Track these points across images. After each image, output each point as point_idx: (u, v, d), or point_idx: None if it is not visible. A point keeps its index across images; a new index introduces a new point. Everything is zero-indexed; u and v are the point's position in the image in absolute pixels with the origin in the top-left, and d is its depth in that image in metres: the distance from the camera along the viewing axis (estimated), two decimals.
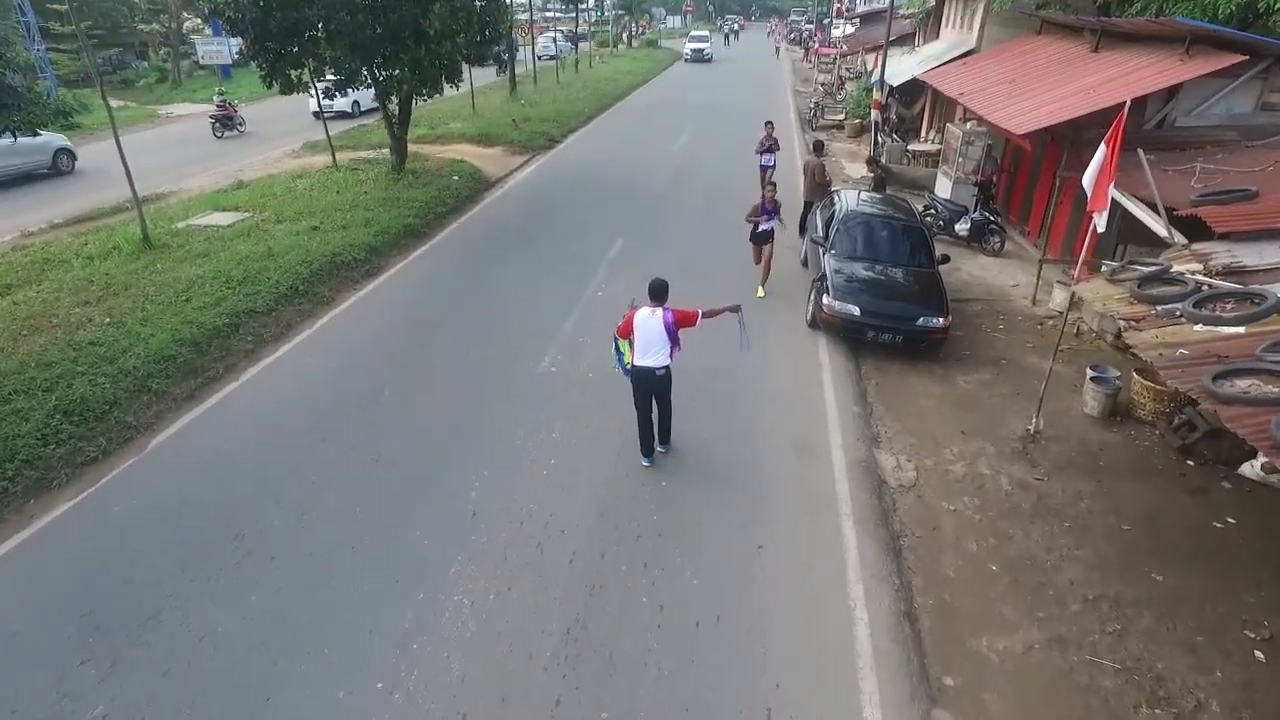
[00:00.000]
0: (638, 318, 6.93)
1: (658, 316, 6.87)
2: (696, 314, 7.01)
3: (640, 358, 6.98)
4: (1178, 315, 6.30)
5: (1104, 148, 7.06)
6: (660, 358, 6.95)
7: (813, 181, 13.75)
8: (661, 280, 7.06)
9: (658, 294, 6.97)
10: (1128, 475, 7.52)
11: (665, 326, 6.86)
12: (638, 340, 6.94)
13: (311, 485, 7.02)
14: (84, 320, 9.73)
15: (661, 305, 6.95)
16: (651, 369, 6.97)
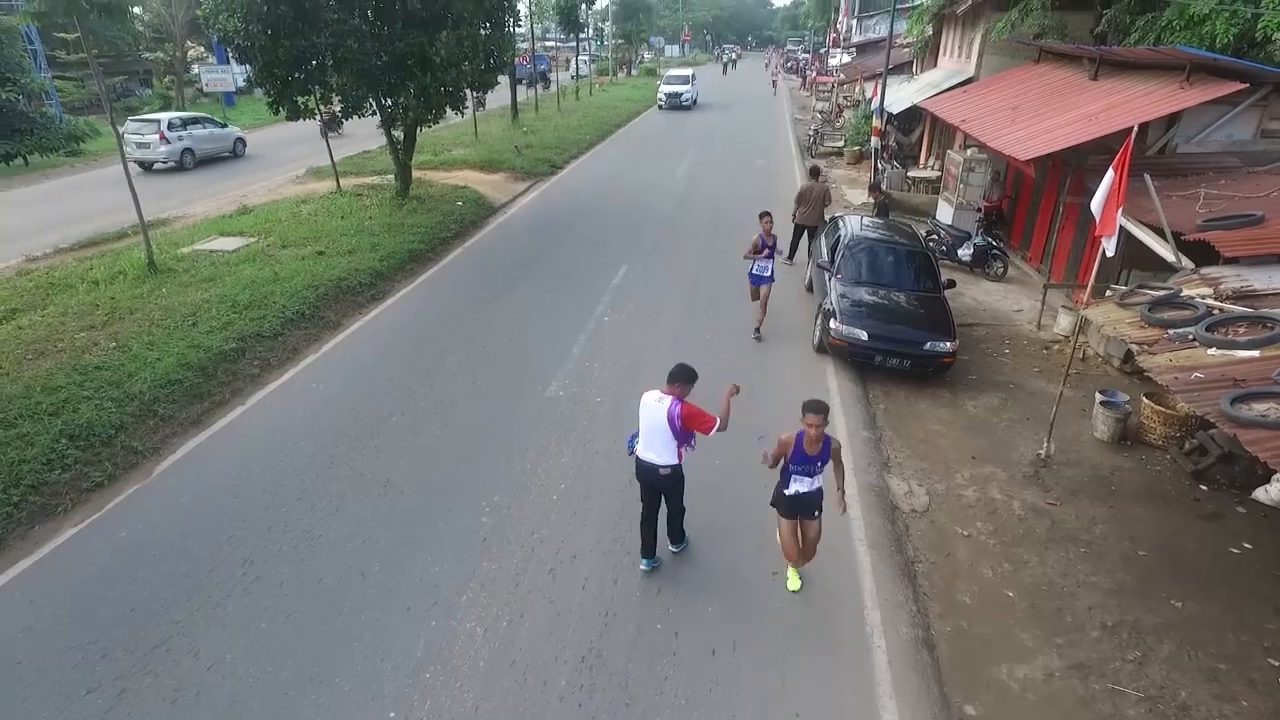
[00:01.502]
0: (645, 401, 5.78)
1: (664, 406, 5.64)
2: (713, 421, 5.66)
3: (644, 448, 5.88)
4: (1190, 339, 6.30)
5: (1112, 173, 7.11)
6: (665, 455, 5.79)
7: (810, 207, 13.79)
8: (686, 367, 5.74)
9: (676, 378, 5.69)
10: (1141, 500, 7.48)
11: (670, 421, 5.62)
12: (642, 427, 5.85)
13: (320, 511, 6.95)
14: (89, 344, 9.70)
15: (676, 393, 5.68)
16: (654, 466, 5.85)
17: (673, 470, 5.90)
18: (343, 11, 14.10)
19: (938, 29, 22.50)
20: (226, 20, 13.44)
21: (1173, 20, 12.26)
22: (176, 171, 23.04)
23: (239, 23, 13.28)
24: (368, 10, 14.89)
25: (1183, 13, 12.03)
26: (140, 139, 22.52)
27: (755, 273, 10.61)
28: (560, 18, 44.02)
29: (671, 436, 5.70)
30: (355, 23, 14.24)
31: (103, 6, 11.27)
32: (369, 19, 14.82)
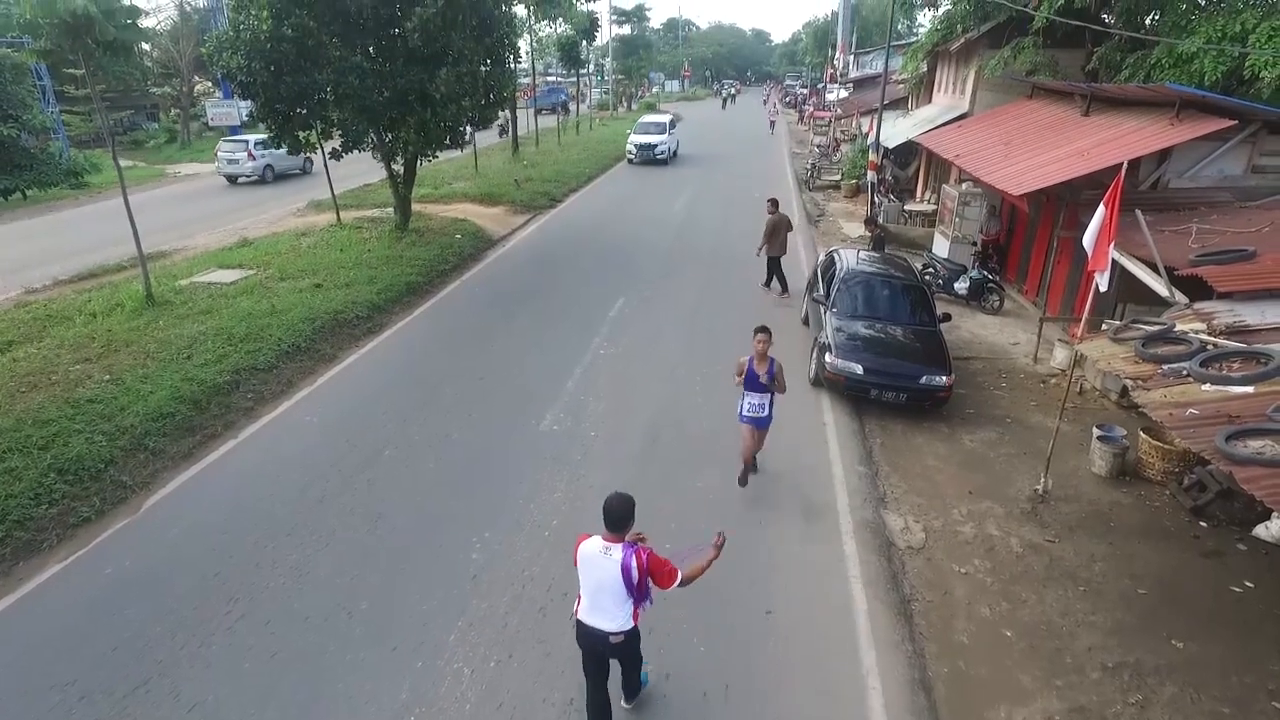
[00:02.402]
0: (584, 552, 4.55)
1: (615, 559, 4.41)
2: (674, 576, 4.56)
3: (587, 611, 4.62)
4: (1184, 375, 6.28)
5: (1103, 208, 7.14)
6: (618, 617, 4.55)
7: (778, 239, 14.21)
8: (622, 498, 4.45)
9: (616, 520, 4.42)
10: (1140, 537, 7.39)
11: (625, 575, 4.41)
12: (584, 585, 4.61)
13: (308, 547, 6.87)
14: (83, 377, 9.67)
15: (623, 538, 4.45)
16: (603, 633, 4.58)
17: (626, 636, 4.63)
18: (345, 49, 14.34)
19: (932, 66, 22.85)
20: (230, 58, 13.66)
21: (1162, 58, 12.46)
22: (259, 185, 26.67)
23: (242, 60, 13.49)
24: (369, 47, 15.16)
25: (1171, 51, 12.22)
26: (231, 156, 26.49)
27: (747, 413, 7.57)
28: (561, 54, 44.72)
29: (627, 595, 4.47)
30: (357, 60, 14.48)
31: (108, 45, 11.43)
32: (371, 56, 15.07)
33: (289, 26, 13.44)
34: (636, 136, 32.47)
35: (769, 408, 7.61)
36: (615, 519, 4.44)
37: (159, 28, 43.64)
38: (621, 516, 4.44)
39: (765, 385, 7.43)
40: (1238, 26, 11.26)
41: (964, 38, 18.20)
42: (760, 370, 7.42)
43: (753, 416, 7.65)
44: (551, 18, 42.63)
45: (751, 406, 7.60)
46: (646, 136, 32.29)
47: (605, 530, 4.49)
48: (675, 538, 7.02)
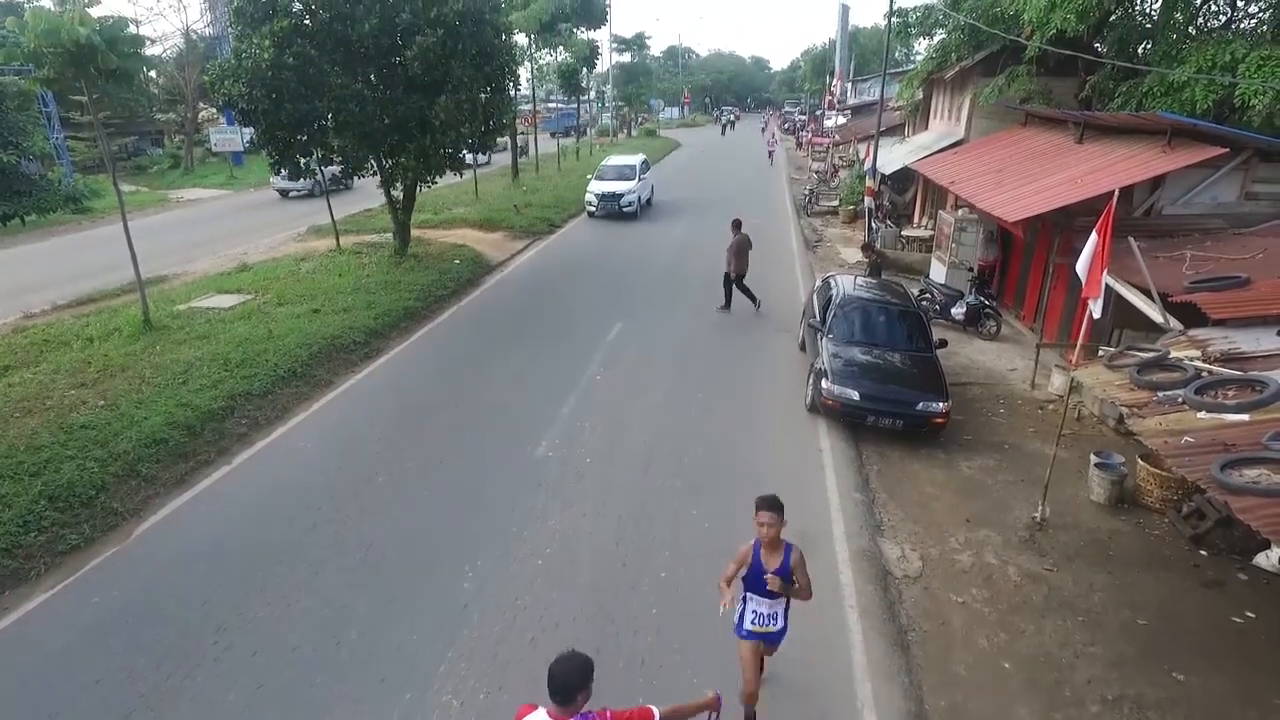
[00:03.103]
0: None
1: None
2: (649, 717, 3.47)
3: None
4: (1179, 402, 6.26)
5: (1095, 236, 7.17)
6: None
7: (740, 258, 14.67)
8: (570, 662, 3.32)
9: (563, 689, 3.26)
10: (1140, 566, 7.31)
11: None
12: None
13: (298, 575, 6.80)
14: (78, 403, 9.66)
15: (571, 710, 3.28)
16: None
17: None
18: (346, 77, 14.49)
19: (928, 93, 23.09)
20: (231, 85, 13.82)
21: (1153, 87, 12.59)
22: (308, 198, 27.10)
23: (243, 87, 13.65)
24: (370, 75, 15.33)
25: (1163, 80, 12.35)
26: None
27: (751, 626, 5.05)
28: (562, 81, 45.27)
29: None
30: (358, 87, 14.64)
31: (110, 73, 11.55)
32: (371, 83, 15.24)
33: (290, 55, 13.61)
34: (598, 184, 25.49)
35: (783, 617, 5.02)
36: (562, 689, 3.25)
37: (165, 55, 44.31)
38: (569, 686, 3.25)
39: (778, 589, 4.72)
40: (1227, 56, 11.39)
41: (959, 66, 18.41)
42: (770, 564, 4.73)
43: (759, 631, 5.01)
44: (552, 46, 43.19)
45: (757, 617, 4.95)
46: (610, 184, 25.37)
47: (550, 704, 3.29)
48: (670, 569, 6.99)
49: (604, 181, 25.65)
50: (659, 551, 7.28)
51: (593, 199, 25.06)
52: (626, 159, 27.89)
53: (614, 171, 26.43)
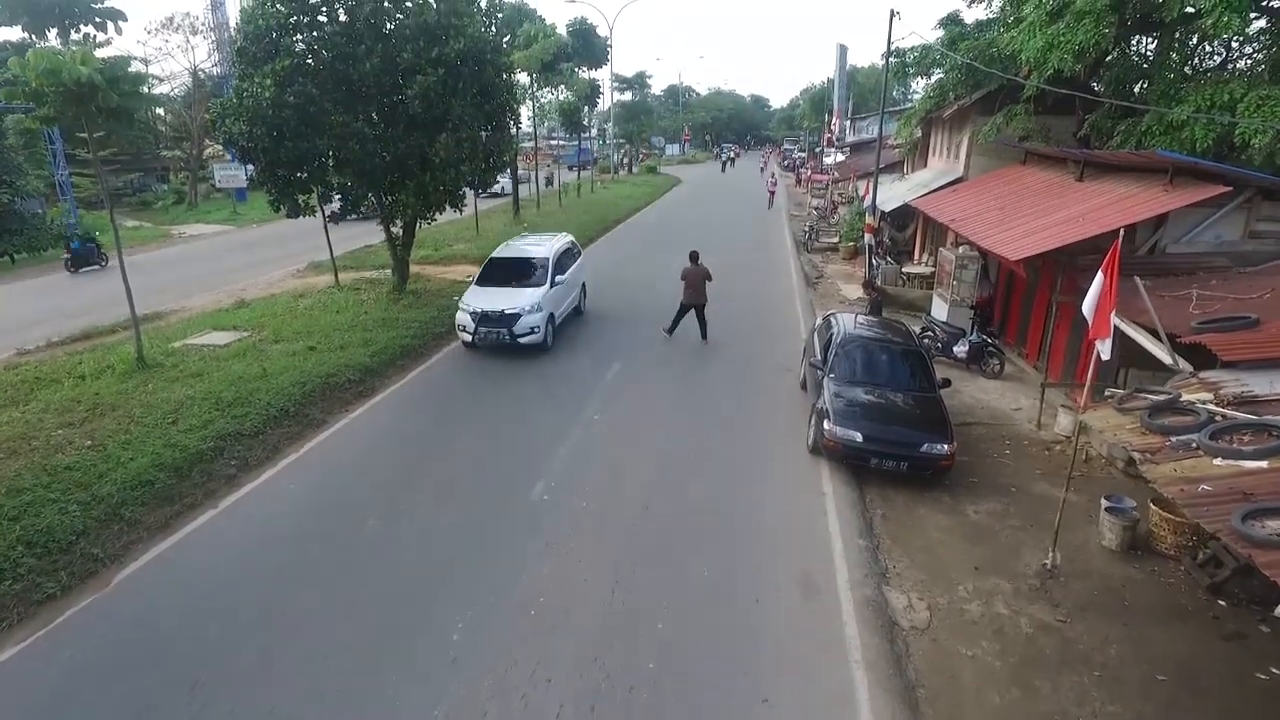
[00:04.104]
0: None
1: None
2: None
3: None
4: (1194, 447, 6.05)
5: (1102, 275, 7.03)
6: None
7: (693, 288, 14.81)
8: None
9: None
10: (1156, 617, 7.03)
11: None
12: None
13: (281, 627, 6.55)
14: (64, 443, 9.46)
15: None
16: None
17: None
18: (346, 115, 14.56)
19: (926, 131, 23.24)
20: (232, 124, 13.87)
21: (1152, 125, 12.58)
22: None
23: (244, 126, 13.69)
24: (371, 113, 15.41)
25: (1162, 119, 12.35)
26: None
27: None
28: (563, 119, 45.80)
29: None
30: (358, 125, 14.70)
31: (110, 112, 11.58)
32: (372, 121, 15.31)
33: (292, 94, 13.69)
34: (478, 293, 14.59)
35: None
36: None
37: (173, 94, 45.00)
38: None
39: None
40: (1226, 96, 11.38)
41: (957, 105, 18.53)
42: None
43: None
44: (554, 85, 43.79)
45: None
46: (497, 293, 14.36)
47: None
48: (669, 620, 6.73)
49: (488, 289, 14.49)
50: (657, 601, 7.02)
51: (466, 321, 13.96)
52: (536, 245, 16.31)
53: (507, 269, 15.12)
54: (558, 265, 15.37)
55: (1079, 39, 12.33)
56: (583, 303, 17.24)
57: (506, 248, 16.17)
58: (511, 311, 13.66)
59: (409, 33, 14.77)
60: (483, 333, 13.76)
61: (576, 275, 16.71)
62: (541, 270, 14.93)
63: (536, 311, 13.85)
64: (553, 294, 14.69)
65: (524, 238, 17.35)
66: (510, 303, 13.81)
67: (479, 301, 14.03)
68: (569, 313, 15.99)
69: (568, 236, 17.42)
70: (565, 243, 16.70)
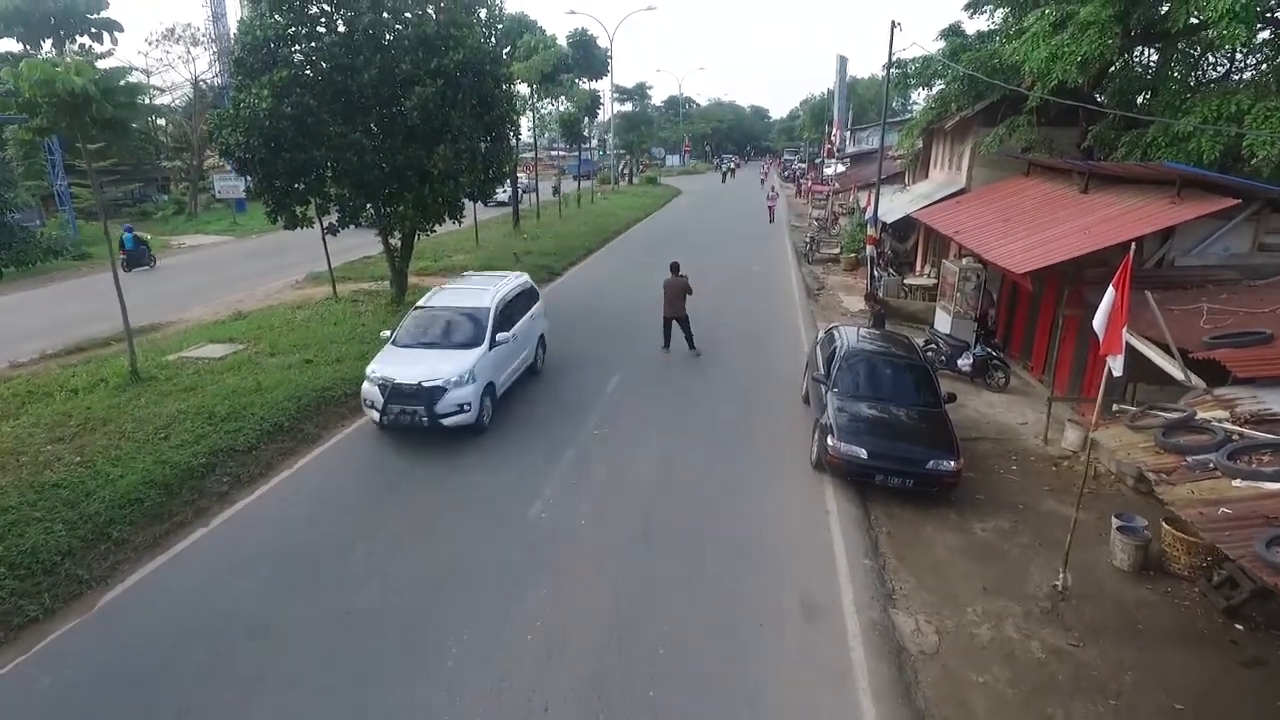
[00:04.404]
0: None
1: None
2: None
3: None
4: (1211, 467, 5.88)
5: (1113, 290, 6.86)
6: None
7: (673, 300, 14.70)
8: None
9: None
10: (1172, 641, 6.83)
11: None
12: None
13: (271, 650, 6.35)
14: (53, 459, 9.28)
15: None
16: None
17: None
18: (344, 126, 14.45)
19: (927, 142, 23.15)
20: (229, 135, 13.76)
21: (1158, 137, 12.47)
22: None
23: (240, 137, 13.58)
24: (370, 124, 15.30)
25: (1167, 130, 12.23)
26: None
27: None
28: (564, 130, 45.82)
29: None
30: (356, 137, 14.58)
31: (105, 123, 11.46)
32: (370, 132, 15.19)
33: (289, 105, 13.58)
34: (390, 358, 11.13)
35: None
36: None
37: (175, 104, 45.05)
38: None
39: None
40: (1233, 107, 11.26)
41: (959, 116, 18.42)
42: None
43: None
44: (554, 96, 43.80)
45: None
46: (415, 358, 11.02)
47: None
48: (669, 645, 6.54)
49: (406, 352, 11.26)
50: (658, 624, 6.82)
51: (373, 394, 10.63)
52: (476, 290, 12.71)
53: (434, 324, 11.83)
54: (502, 318, 11.89)
55: (1084, 50, 12.23)
56: (540, 358, 13.74)
57: (437, 294, 12.67)
58: (432, 384, 10.21)
59: (408, 44, 14.69)
60: (393, 412, 10.30)
61: (531, 327, 13.25)
62: (478, 326, 11.48)
63: (466, 383, 10.40)
64: (492, 358, 11.24)
65: (467, 278, 14.05)
66: (431, 371, 10.35)
67: (390, 369, 10.55)
68: (520, 373, 12.73)
69: (521, 277, 14.12)
70: (515, 286, 13.29)
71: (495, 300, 12.11)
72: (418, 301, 12.51)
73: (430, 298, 12.52)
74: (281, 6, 14.16)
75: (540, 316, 14.03)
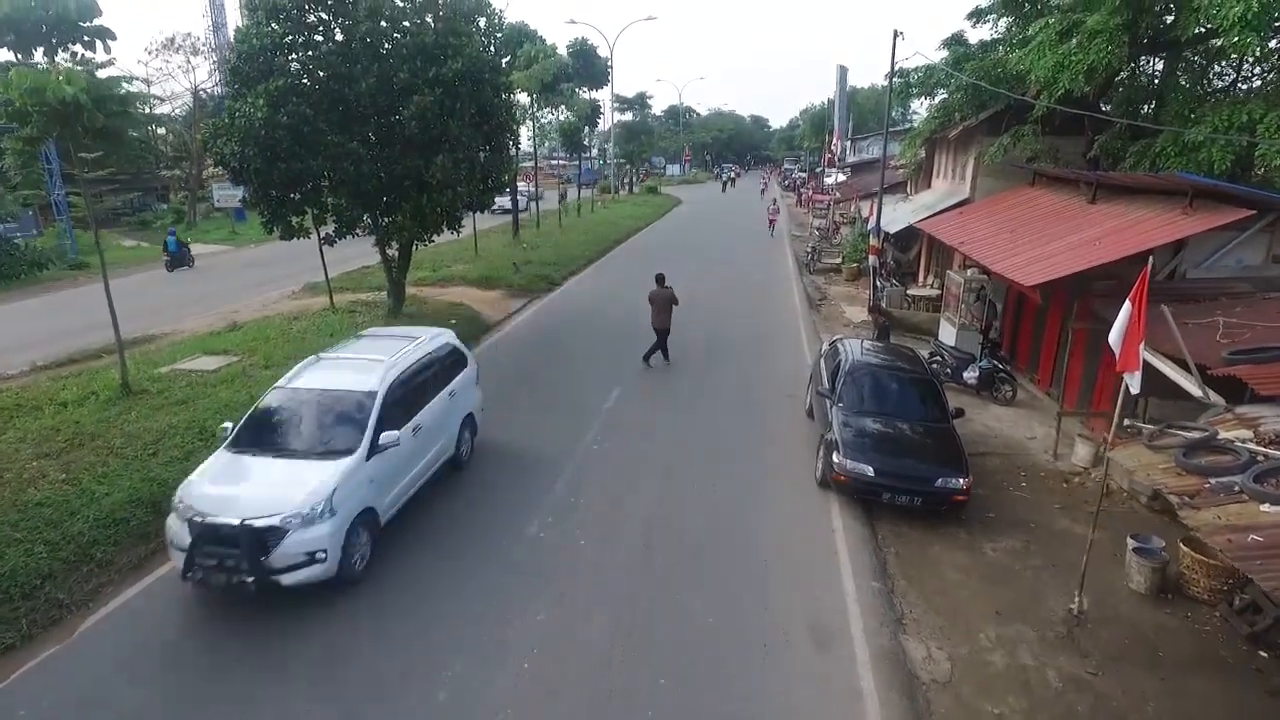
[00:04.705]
0: None
1: None
2: None
3: None
4: (1237, 490, 5.64)
5: (1129, 305, 6.64)
6: None
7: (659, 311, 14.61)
8: None
9: None
10: (1194, 669, 6.57)
11: None
12: None
13: (255, 680, 6.09)
14: (38, 476, 9.01)
15: None
16: None
17: None
18: (341, 135, 14.25)
19: (930, 152, 23.00)
20: (224, 144, 13.56)
21: (1167, 147, 12.27)
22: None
23: (235, 146, 13.38)
24: (368, 134, 15.11)
25: (1176, 139, 12.04)
26: None
27: None
28: (564, 139, 45.76)
29: None
30: (353, 146, 14.37)
31: (98, 132, 11.26)
32: (368, 142, 15.00)
33: (285, 114, 13.38)
34: (218, 472, 7.57)
35: None
36: None
37: (175, 114, 45.05)
38: None
39: None
40: (1244, 116, 11.07)
41: (962, 125, 18.26)
42: None
43: None
44: (554, 105, 43.74)
45: None
46: (244, 478, 7.47)
47: None
48: (671, 673, 6.28)
49: (242, 463, 7.70)
50: (659, 652, 6.57)
51: (178, 534, 7.01)
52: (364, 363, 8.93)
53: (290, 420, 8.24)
54: (396, 407, 8.28)
55: (1091, 58, 12.03)
56: (466, 447, 9.93)
57: (309, 368, 8.83)
58: (263, 521, 6.74)
59: (406, 52, 14.51)
60: (203, 564, 6.73)
61: (449, 408, 9.47)
62: (353, 422, 7.87)
63: (320, 519, 6.92)
64: (372, 471, 7.65)
65: (362, 340, 10.27)
66: (267, 499, 6.95)
67: (206, 496, 7.10)
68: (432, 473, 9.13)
69: (439, 338, 10.26)
70: (425, 354, 9.41)
71: (385, 381, 8.28)
72: (277, 382, 8.78)
73: (296, 374, 8.71)
74: (279, 15, 13.99)
75: (470, 388, 10.32)
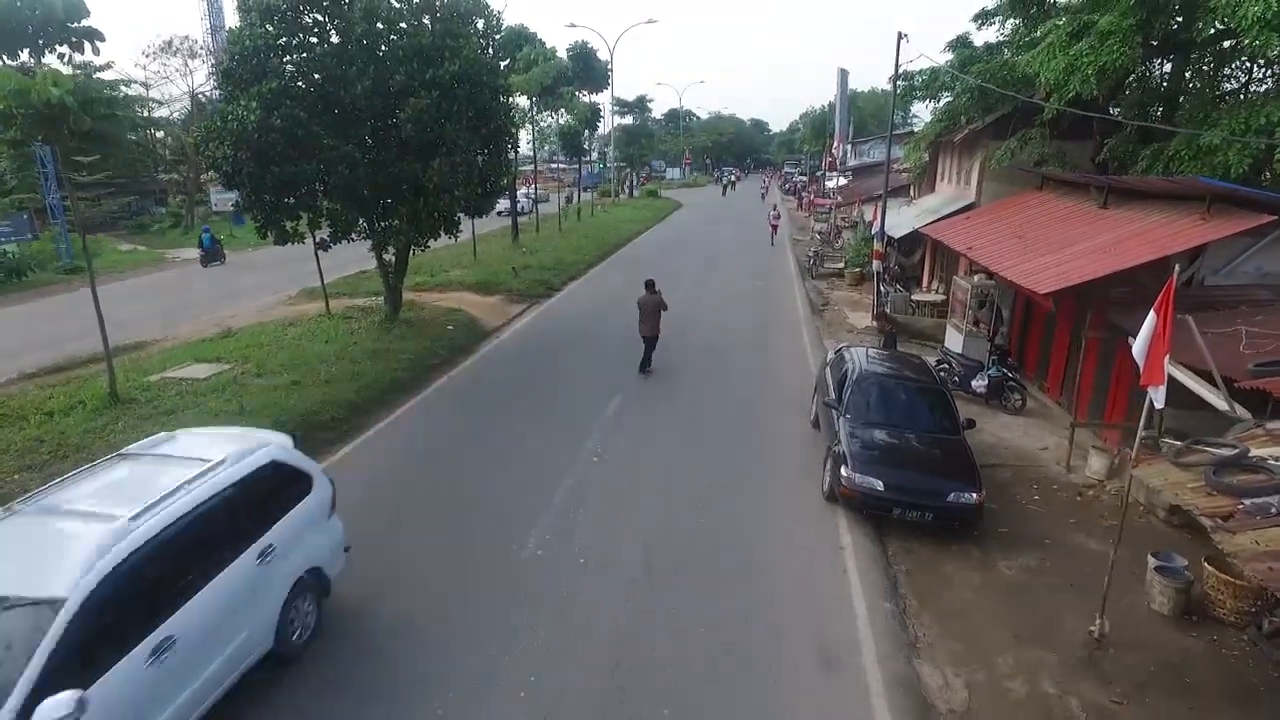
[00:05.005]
0: None
1: None
2: None
3: None
4: (1274, 513, 5.33)
5: (1154, 315, 6.34)
6: None
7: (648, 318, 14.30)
8: None
9: None
10: (1225, 697, 6.26)
11: None
12: None
13: (235, 712, 5.77)
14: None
15: None
16: None
17: None
18: (336, 139, 13.97)
19: (934, 156, 22.74)
20: (216, 147, 13.28)
21: (1181, 150, 11.99)
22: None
23: (227, 150, 13.09)
24: (363, 137, 14.83)
25: (1191, 143, 11.76)
26: None
27: None
28: (564, 142, 45.53)
29: None
30: (349, 149, 14.09)
31: (87, 135, 11.02)
32: (364, 145, 14.72)
33: (278, 117, 13.09)
34: None
35: None
36: None
37: (174, 117, 44.85)
38: None
39: None
40: (1262, 119, 10.79)
41: (968, 128, 18.00)
42: None
43: None
44: (554, 109, 43.53)
45: None
46: None
47: None
48: (675, 701, 5.97)
49: None
50: (662, 676, 6.26)
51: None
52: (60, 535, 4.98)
53: None
54: (123, 613, 4.70)
55: (1103, 60, 11.75)
56: (303, 625, 6.39)
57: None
58: None
59: (402, 54, 14.25)
60: None
61: (259, 581, 5.84)
62: None
63: None
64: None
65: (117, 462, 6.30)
66: None
67: None
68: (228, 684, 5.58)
69: (255, 453, 6.24)
70: (214, 492, 5.70)
71: (96, 575, 4.55)
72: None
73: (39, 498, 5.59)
74: (273, 16, 13.71)
75: (315, 527, 6.73)
